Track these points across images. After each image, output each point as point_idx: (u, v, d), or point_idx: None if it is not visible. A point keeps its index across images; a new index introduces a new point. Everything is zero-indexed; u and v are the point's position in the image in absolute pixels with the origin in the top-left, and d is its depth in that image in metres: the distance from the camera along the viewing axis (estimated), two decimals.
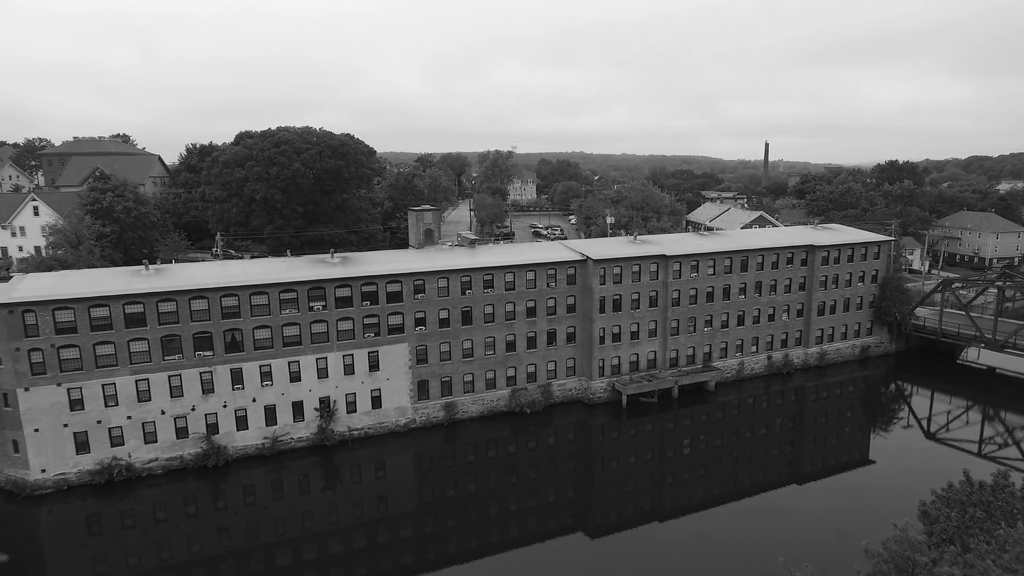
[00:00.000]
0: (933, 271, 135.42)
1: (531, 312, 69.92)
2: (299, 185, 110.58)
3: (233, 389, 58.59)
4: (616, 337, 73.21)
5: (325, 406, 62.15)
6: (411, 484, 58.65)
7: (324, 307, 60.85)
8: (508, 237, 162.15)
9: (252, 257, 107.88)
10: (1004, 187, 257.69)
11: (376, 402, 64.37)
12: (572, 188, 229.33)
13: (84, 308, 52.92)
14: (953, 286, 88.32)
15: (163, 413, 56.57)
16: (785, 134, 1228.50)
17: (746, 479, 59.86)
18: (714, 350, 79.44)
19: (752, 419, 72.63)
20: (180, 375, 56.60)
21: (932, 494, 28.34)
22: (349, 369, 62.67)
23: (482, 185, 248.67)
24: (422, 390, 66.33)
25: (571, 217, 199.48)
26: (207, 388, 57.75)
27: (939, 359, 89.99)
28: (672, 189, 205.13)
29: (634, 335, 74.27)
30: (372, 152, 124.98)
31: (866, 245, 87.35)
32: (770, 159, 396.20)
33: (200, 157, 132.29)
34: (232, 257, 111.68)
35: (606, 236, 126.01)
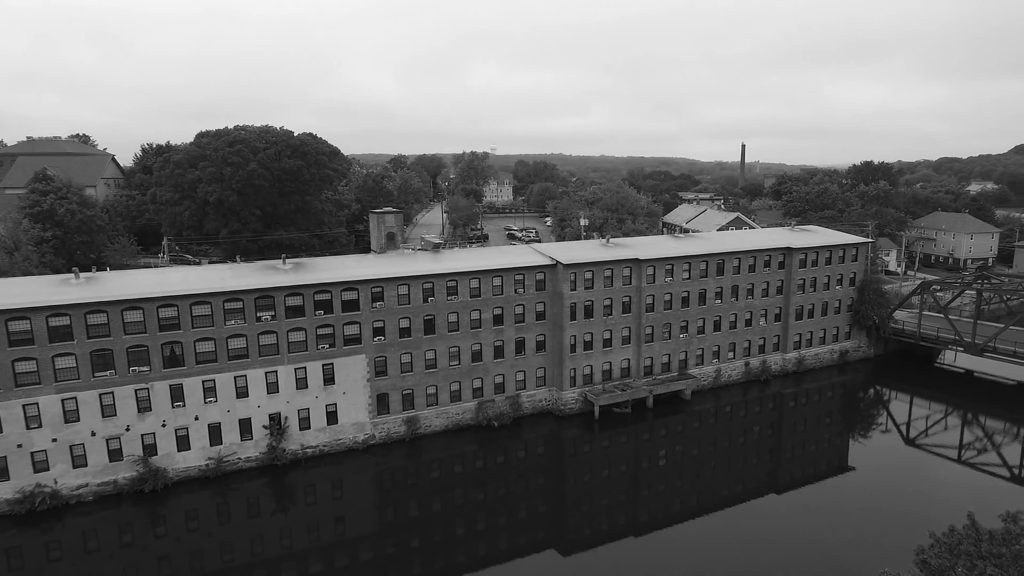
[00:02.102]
0: (909, 272, 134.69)
1: (498, 320, 66.45)
2: (256, 186, 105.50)
3: (173, 407, 54.31)
4: (588, 345, 70.02)
5: (275, 423, 58.06)
6: (371, 504, 55.23)
7: (273, 317, 56.75)
8: (481, 240, 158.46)
9: (211, 262, 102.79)
10: (974, 188, 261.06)
11: (332, 418, 60.46)
12: (548, 189, 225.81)
13: (0, 321, 48.20)
14: (931, 288, 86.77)
15: (93, 435, 52.05)
16: (761, 136, 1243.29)
17: (724, 489, 57.72)
18: (690, 357, 76.70)
19: (729, 428, 70.24)
20: (112, 393, 52.15)
21: (931, 537, 25.29)
22: (302, 383, 58.70)
23: (457, 187, 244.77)
24: (382, 404, 62.53)
25: (547, 219, 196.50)
26: (143, 406, 53.37)
27: (917, 363, 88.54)
28: (649, 190, 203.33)
29: (607, 343, 71.14)
30: (336, 152, 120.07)
31: (844, 247, 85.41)
32: (747, 160, 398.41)
33: (156, 157, 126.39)
34: (188, 263, 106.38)
35: (580, 239, 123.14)
